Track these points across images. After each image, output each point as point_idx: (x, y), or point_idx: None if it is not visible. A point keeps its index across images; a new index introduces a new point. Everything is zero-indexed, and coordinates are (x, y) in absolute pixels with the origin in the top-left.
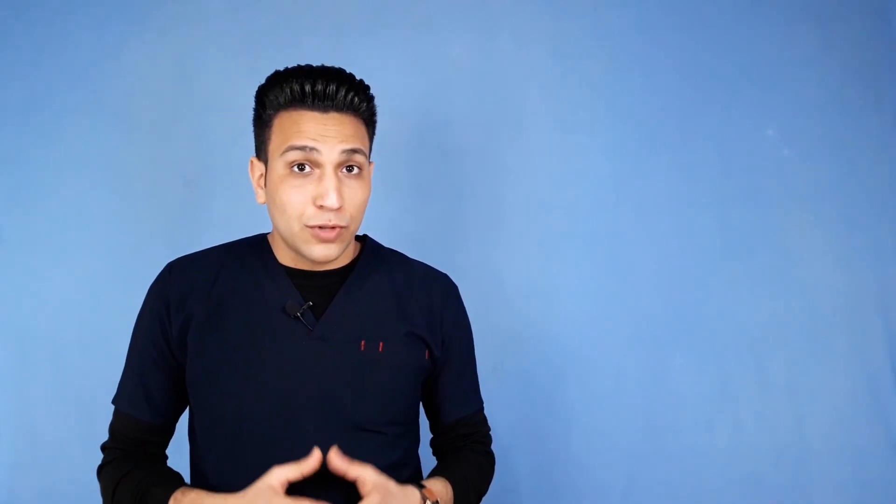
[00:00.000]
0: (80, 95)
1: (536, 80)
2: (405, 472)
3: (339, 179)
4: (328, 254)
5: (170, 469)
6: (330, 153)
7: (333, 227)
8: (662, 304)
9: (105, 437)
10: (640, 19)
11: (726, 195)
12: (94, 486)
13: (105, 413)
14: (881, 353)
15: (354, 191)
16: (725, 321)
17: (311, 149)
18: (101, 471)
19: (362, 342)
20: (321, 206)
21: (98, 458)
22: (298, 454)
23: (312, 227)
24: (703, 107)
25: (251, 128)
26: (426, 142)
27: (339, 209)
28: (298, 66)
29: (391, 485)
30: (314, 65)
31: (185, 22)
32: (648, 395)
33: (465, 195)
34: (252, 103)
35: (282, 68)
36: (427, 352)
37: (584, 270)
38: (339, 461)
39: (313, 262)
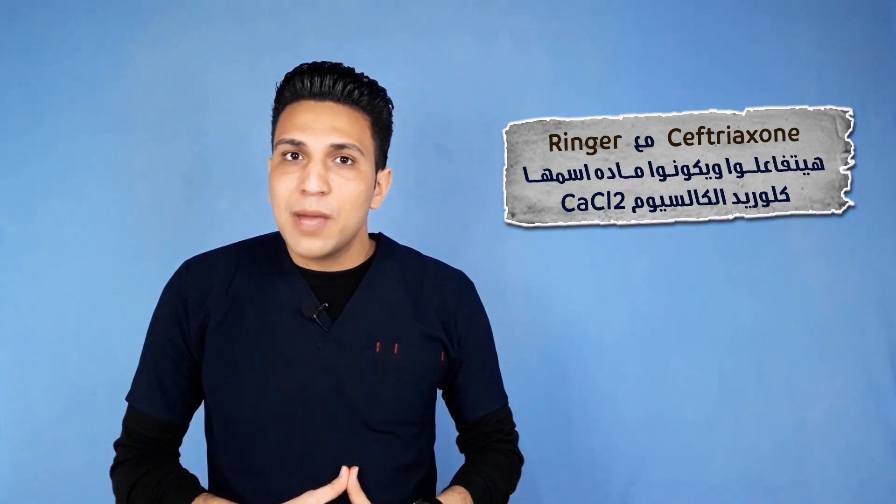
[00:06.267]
0: (81, 97)
1: (536, 80)
2: (419, 472)
3: (326, 167)
4: (311, 248)
5: (186, 472)
6: (317, 144)
7: (315, 217)
8: (663, 303)
9: (107, 435)
10: (639, 19)
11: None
12: (94, 486)
13: (105, 413)
14: (881, 353)
15: (345, 180)
16: (725, 321)
17: (299, 142)
18: (115, 470)
19: (377, 344)
20: (304, 192)
21: (100, 457)
22: (312, 455)
23: (296, 214)
24: (703, 107)
25: (250, 128)
26: (426, 142)
27: (321, 194)
28: (304, 63)
29: None
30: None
31: (184, 23)
32: (649, 395)
33: (465, 195)
34: (252, 103)
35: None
36: (443, 352)
37: (584, 270)
38: (354, 484)
39: (301, 257)
